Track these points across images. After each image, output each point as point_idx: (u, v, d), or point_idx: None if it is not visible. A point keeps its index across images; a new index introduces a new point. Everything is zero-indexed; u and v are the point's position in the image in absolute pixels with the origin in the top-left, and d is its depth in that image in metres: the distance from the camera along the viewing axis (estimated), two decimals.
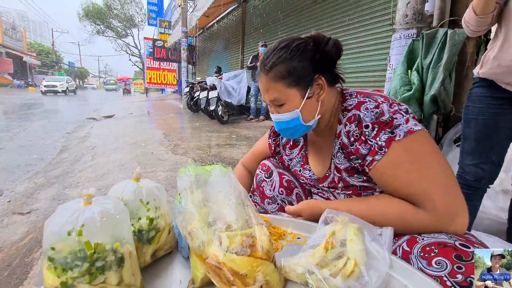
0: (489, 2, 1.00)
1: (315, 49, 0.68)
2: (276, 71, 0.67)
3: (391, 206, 0.61)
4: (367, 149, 0.63)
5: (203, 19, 9.79)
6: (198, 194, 0.54)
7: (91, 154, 3.66)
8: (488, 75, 1.06)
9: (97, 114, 8.01)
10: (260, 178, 0.94)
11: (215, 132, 4.77)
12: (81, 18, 26.04)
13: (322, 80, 0.68)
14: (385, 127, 0.61)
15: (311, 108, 0.69)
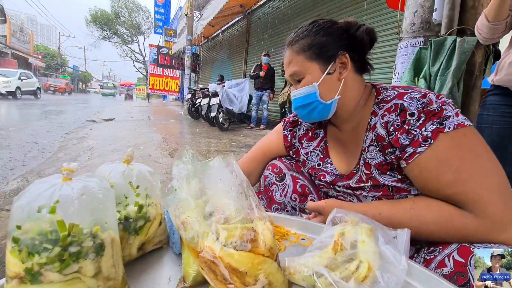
0: (502, 9, 0.98)
1: (344, 30, 0.66)
2: (300, 44, 0.66)
3: (431, 209, 0.53)
4: (409, 139, 0.56)
5: (208, 29, 9.95)
6: (195, 183, 0.48)
7: (88, 155, 3.59)
8: (503, 82, 1.03)
9: (97, 117, 7.98)
10: (270, 180, 0.83)
11: (215, 139, 4.72)
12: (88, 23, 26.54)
13: (346, 57, 0.64)
14: (433, 117, 0.54)
15: (331, 86, 0.65)
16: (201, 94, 6.42)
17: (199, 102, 6.42)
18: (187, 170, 0.50)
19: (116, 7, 26.04)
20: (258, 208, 0.46)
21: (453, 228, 0.50)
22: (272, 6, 7.21)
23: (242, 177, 0.48)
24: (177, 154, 0.54)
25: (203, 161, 0.51)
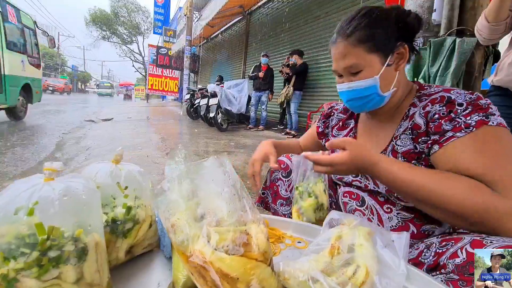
0: (501, 10, 0.97)
1: (398, 18, 0.65)
2: (357, 35, 0.63)
3: (464, 179, 0.52)
4: (452, 125, 0.56)
5: (207, 29, 9.94)
6: (187, 183, 0.47)
7: (85, 155, 3.56)
8: (503, 83, 1.02)
9: (95, 117, 7.94)
10: (276, 176, 0.87)
11: (214, 139, 4.70)
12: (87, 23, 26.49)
13: (405, 48, 0.65)
14: (480, 110, 0.55)
15: (389, 78, 0.65)
16: (199, 95, 6.40)
17: (198, 103, 6.40)
18: (179, 171, 0.48)
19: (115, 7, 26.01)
20: (252, 210, 0.44)
21: (480, 197, 0.49)
22: (272, 7, 7.20)
23: (235, 178, 0.46)
24: (169, 154, 0.52)
25: (196, 161, 0.50)
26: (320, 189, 0.74)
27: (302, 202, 0.73)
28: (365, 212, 0.71)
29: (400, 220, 0.66)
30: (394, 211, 0.67)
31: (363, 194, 0.72)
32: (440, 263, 0.48)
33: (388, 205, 0.67)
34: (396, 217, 0.66)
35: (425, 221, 0.65)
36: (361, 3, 4.29)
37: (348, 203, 0.75)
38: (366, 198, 0.71)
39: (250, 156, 3.50)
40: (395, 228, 0.66)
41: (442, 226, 0.65)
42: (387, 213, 0.68)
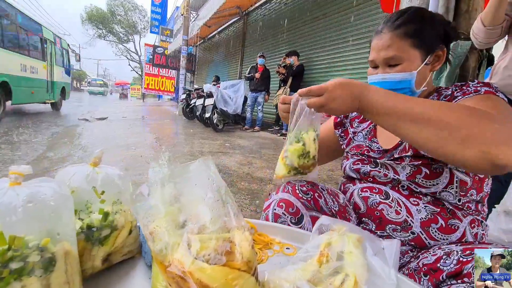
0: (498, 14, 0.97)
1: (442, 23, 0.69)
2: (406, 28, 0.65)
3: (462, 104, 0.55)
4: (462, 92, 0.62)
5: (204, 29, 9.91)
6: (169, 188, 0.44)
7: (78, 154, 3.51)
8: (498, 87, 1.02)
9: (90, 115, 7.85)
10: (283, 222, 0.68)
11: (209, 140, 4.68)
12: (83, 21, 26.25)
13: (443, 51, 0.68)
14: (490, 87, 0.61)
15: (424, 77, 0.68)
16: (195, 95, 6.37)
17: (194, 103, 6.36)
18: (162, 174, 0.46)
19: (112, 6, 25.82)
20: (237, 216, 0.42)
21: (477, 111, 0.50)
22: (269, 8, 7.21)
23: (220, 182, 0.44)
24: (154, 156, 0.50)
25: (181, 164, 0.48)
26: (310, 137, 0.69)
27: (289, 146, 0.69)
28: (392, 204, 0.68)
29: (428, 213, 0.64)
30: (421, 204, 0.66)
31: (385, 188, 0.70)
32: (463, 271, 0.47)
33: (414, 198, 0.66)
34: (425, 209, 0.65)
35: (450, 216, 0.64)
36: (355, 4, 4.31)
37: (370, 197, 0.72)
38: (390, 192, 0.69)
39: (245, 157, 3.50)
40: (424, 220, 0.64)
41: (463, 222, 0.64)
42: (415, 205, 0.66)
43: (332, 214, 0.73)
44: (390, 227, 0.68)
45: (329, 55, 4.97)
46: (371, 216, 0.72)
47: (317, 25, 5.32)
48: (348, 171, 0.80)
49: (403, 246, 0.67)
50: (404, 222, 0.66)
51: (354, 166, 0.77)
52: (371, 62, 0.71)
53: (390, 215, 0.68)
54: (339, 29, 4.72)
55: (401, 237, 0.67)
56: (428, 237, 0.64)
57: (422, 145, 0.52)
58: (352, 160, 0.79)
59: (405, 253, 0.67)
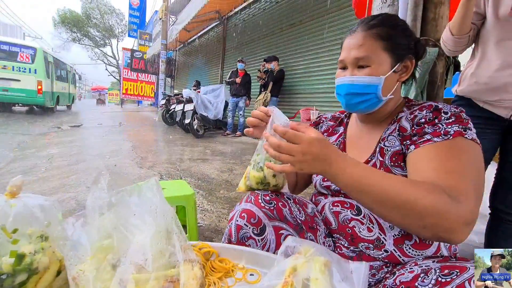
0: (464, 24, 1.00)
1: (412, 36, 0.69)
2: (380, 30, 0.65)
3: (422, 183, 0.53)
4: (432, 130, 0.60)
5: (184, 34, 9.77)
6: (109, 217, 0.38)
7: (45, 166, 3.28)
8: (465, 93, 1.04)
9: (63, 123, 7.45)
10: (245, 233, 0.64)
11: (189, 146, 4.56)
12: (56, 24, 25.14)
13: (412, 62, 0.67)
14: (461, 123, 0.59)
15: (391, 84, 0.66)
16: (175, 100, 6.23)
17: (173, 108, 6.21)
18: (101, 200, 0.40)
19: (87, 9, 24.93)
20: (185, 249, 0.37)
21: (437, 197, 0.49)
22: (248, 13, 7.23)
23: (165, 208, 0.39)
24: (94, 178, 0.43)
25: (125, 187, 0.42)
26: (269, 172, 0.67)
27: (251, 170, 0.69)
28: (363, 221, 0.66)
29: (402, 229, 0.62)
30: None
31: (357, 204, 0.68)
32: None
33: None
34: None
35: None
36: (329, 12, 4.41)
37: (341, 213, 0.69)
38: (361, 207, 0.67)
39: (225, 164, 3.43)
40: (398, 236, 0.62)
41: None
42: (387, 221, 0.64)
43: (297, 223, 0.70)
44: (363, 245, 0.66)
45: (306, 60, 5.04)
46: (343, 233, 0.69)
47: (294, 31, 5.39)
48: (319, 188, 0.77)
49: (377, 261, 0.65)
50: (377, 240, 0.63)
51: (324, 183, 0.75)
52: (340, 62, 0.69)
53: (362, 232, 0.65)
54: (315, 35, 4.81)
55: (375, 254, 0.64)
56: (402, 255, 0.62)
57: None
58: (322, 176, 0.76)
59: (380, 268, 0.64)
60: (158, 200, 0.37)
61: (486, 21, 1.00)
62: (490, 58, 0.98)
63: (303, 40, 5.09)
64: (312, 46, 4.88)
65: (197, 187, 2.41)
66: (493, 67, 0.97)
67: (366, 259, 0.65)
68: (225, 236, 0.67)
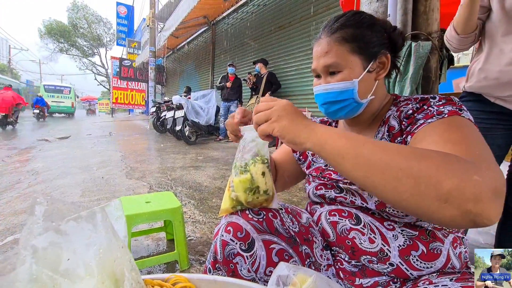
0: (469, 23, 0.96)
1: (384, 28, 0.63)
2: (343, 33, 0.60)
3: (431, 150, 0.44)
4: (424, 114, 0.55)
5: (172, 40, 9.69)
6: (44, 258, 0.29)
7: (29, 181, 3.14)
8: (475, 89, 0.99)
9: (51, 135, 7.24)
10: (232, 250, 0.58)
11: (181, 154, 4.45)
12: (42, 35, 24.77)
13: (387, 57, 0.62)
14: (453, 104, 0.55)
15: (368, 85, 0.61)
16: (165, 107, 6.12)
17: (164, 116, 6.10)
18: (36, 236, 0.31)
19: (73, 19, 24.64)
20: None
21: (449, 157, 0.40)
22: (236, 18, 7.20)
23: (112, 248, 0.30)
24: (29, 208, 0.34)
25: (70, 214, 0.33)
26: (257, 171, 0.59)
27: (235, 178, 0.60)
28: (364, 231, 0.59)
29: (407, 238, 0.55)
30: (397, 228, 0.57)
31: (356, 211, 0.62)
32: None
33: (389, 222, 0.58)
34: (402, 234, 0.56)
35: (431, 239, 0.55)
36: (316, 13, 4.40)
37: (339, 223, 0.63)
38: (361, 215, 0.61)
39: (218, 170, 3.33)
40: (403, 247, 0.55)
41: (445, 244, 0.56)
42: (390, 230, 0.57)
43: (290, 236, 0.63)
44: (365, 258, 0.58)
45: (296, 61, 5.01)
46: (342, 246, 0.62)
47: (283, 33, 5.36)
48: (313, 197, 0.71)
49: (383, 276, 0.57)
50: (380, 252, 0.56)
51: (318, 192, 0.69)
52: (313, 71, 0.66)
53: (363, 244, 0.58)
54: (304, 36, 4.79)
55: (379, 269, 0.57)
56: (409, 268, 0.55)
57: (396, 200, 0.40)
58: (315, 185, 0.70)
59: (387, 285, 0.57)
60: (103, 237, 0.28)
61: (492, 13, 0.95)
62: (499, 52, 0.93)
63: (292, 42, 5.06)
64: (301, 48, 4.86)
65: (189, 197, 2.31)
66: (503, 61, 0.91)
67: (370, 274, 0.58)
68: (211, 253, 0.60)
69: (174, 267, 1.27)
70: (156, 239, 1.57)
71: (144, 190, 2.52)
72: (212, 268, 0.59)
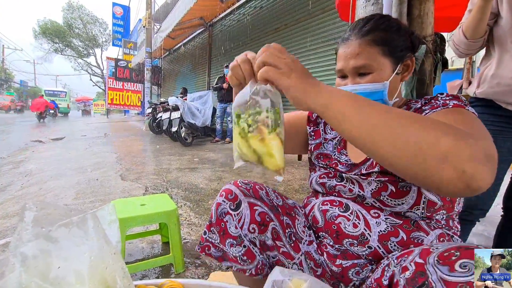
0: (480, 27, 0.96)
1: (407, 32, 0.66)
2: (375, 36, 0.62)
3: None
4: (430, 106, 0.58)
5: (169, 41, 9.66)
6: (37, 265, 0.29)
7: (22, 182, 3.09)
8: (486, 95, 1.00)
9: (45, 136, 7.15)
10: (223, 209, 0.69)
11: (176, 155, 4.42)
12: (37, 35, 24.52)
13: (412, 60, 0.66)
14: (460, 100, 0.57)
15: (395, 87, 0.65)
16: (161, 108, 6.08)
17: (160, 117, 6.06)
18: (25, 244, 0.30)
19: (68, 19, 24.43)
20: None
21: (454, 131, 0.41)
22: (232, 19, 7.21)
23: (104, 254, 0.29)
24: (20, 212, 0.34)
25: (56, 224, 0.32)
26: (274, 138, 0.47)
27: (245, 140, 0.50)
28: (350, 217, 0.64)
29: (389, 225, 0.60)
30: (382, 216, 0.61)
31: (347, 201, 0.67)
32: (394, 281, 0.44)
33: (376, 210, 0.62)
34: (385, 222, 0.60)
35: (415, 228, 0.59)
36: (313, 14, 4.43)
37: (329, 210, 0.68)
38: (350, 204, 0.65)
39: (214, 172, 3.32)
40: (384, 233, 0.59)
41: (429, 235, 0.58)
42: (375, 218, 0.62)
43: (272, 205, 0.72)
44: (347, 241, 0.63)
45: None
46: (328, 230, 0.66)
47: (279, 35, 5.38)
48: (314, 185, 0.75)
49: (361, 259, 0.61)
50: (361, 236, 0.61)
51: (320, 180, 0.73)
52: (339, 72, 0.67)
53: (347, 228, 0.63)
54: (301, 38, 4.81)
55: (358, 251, 0.61)
56: (386, 251, 0.59)
57: (393, 161, 0.41)
58: (319, 173, 0.74)
59: (364, 266, 0.61)
60: (95, 243, 0.27)
61: (501, 19, 0.96)
62: (511, 59, 0.94)
63: (289, 44, 5.08)
64: (298, 49, 4.88)
65: (185, 199, 2.29)
66: None
67: (351, 257, 0.62)
68: (208, 219, 0.72)
69: (170, 270, 1.26)
70: (151, 242, 1.55)
71: (139, 192, 2.50)
72: (207, 231, 0.72)
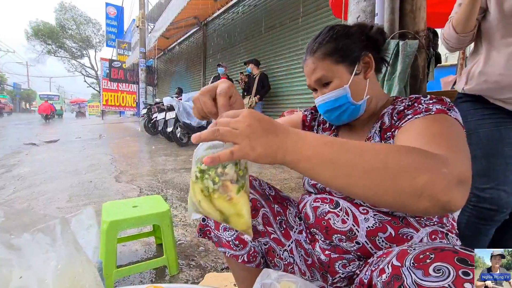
0: (470, 21, 0.96)
1: (361, 31, 0.70)
2: (323, 49, 0.68)
3: (406, 146, 0.45)
4: (413, 111, 0.59)
5: (163, 41, 9.59)
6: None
7: (14, 186, 3.04)
8: (475, 91, 0.99)
9: (39, 139, 7.06)
10: None
11: (172, 156, 4.39)
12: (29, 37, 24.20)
13: (369, 57, 0.68)
14: (443, 104, 0.58)
15: (360, 86, 0.68)
16: (156, 109, 6.03)
17: (155, 117, 6.01)
18: None
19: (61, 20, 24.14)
20: None
21: (420, 153, 0.42)
22: (227, 18, 7.17)
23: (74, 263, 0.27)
24: None
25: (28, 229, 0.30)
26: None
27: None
28: (339, 213, 0.66)
29: (377, 221, 0.61)
30: (371, 212, 0.63)
31: (337, 199, 0.68)
32: (372, 283, 0.44)
33: (365, 207, 0.64)
34: (373, 218, 0.62)
35: (403, 225, 0.60)
36: (306, 13, 4.41)
37: (320, 207, 0.69)
38: (341, 202, 0.67)
39: None
40: (371, 228, 0.60)
41: (419, 232, 0.59)
42: (363, 214, 0.63)
43: (264, 193, 0.74)
44: (337, 236, 0.64)
45: (287, 62, 5.01)
46: (318, 226, 0.68)
47: (274, 33, 5.36)
48: (307, 187, 0.77)
49: (349, 254, 0.63)
50: (349, 231, 0.62)
51: (312, 181, 0.75)
52: (309, 87, 0.74)
53: (336, 224, 0.64)
54: (295, 36, 4.80)
55: (347, 247, 0.63)
56: (374, 247, 0.59)
57: (377, 196, 0.41)
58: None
59: (351, 261, 0.63)
60: (63, 250, 0.25)
61: (489, 15, 0.95)
62: (498, 55, 0.93)
63: (283, 42, 5.06)
64: (292, 48, 4.86)
65: (180, 200, 2.27)
66: (502, 65, 0.92)
67: (340, 251, 0.64)
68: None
69: (164, 273, 1.24)
70: (145, 244, 1.53)
71: (134, 193, 2.47)
72: (206, 218, 0.74)
